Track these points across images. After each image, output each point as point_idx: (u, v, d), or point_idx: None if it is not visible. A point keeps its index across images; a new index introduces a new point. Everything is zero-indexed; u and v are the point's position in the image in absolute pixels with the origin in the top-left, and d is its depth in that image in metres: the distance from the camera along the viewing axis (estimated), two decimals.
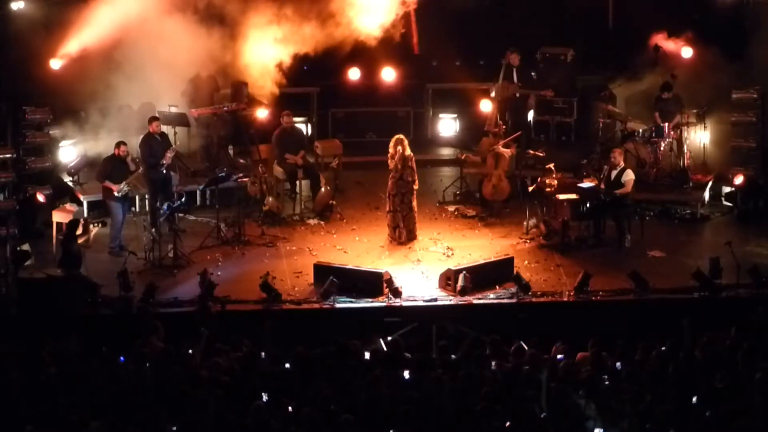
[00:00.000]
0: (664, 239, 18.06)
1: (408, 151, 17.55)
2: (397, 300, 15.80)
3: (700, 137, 20.45)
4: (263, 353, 13.68)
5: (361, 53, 21.89)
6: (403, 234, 17.61)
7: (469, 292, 15.93)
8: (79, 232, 16.70)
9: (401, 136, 17.75)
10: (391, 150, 17.59)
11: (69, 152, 19.86)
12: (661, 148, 19.74)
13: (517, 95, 20.61)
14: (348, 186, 20.33)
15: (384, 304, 15.82)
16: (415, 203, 17.66)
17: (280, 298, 15.81)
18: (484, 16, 22.36)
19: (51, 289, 15.74)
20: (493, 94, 20.36)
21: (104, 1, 19.23)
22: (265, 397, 12.25)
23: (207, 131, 20.29)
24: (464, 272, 16.03)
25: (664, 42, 20.99)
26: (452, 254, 17.43)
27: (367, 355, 13.66)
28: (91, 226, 17.03)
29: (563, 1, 22.03)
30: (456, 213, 19.19)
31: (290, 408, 11.96)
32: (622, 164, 17.88)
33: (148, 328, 14.24)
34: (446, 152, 21.85)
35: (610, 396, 12.28)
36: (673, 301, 15.94)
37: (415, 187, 17.66)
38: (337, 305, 15.74)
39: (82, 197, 18.84)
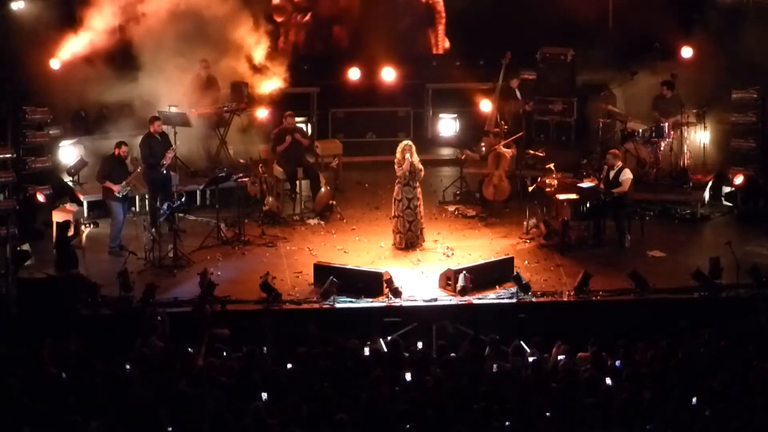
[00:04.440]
0: (664, 239, 18.06)
1: (415, 157, 17.44)
2: (397, 300, 15.80)
3: (700, 137, 20.44)
4: (265, 348, 13.73)
5: (361, 53, 22.03)
6: (404, 240, 17.53)
7: (469, 292, 15.93)
8: (70, 233, 16.71)
9: (410, 142, 17.61)
10: (398, 156, 17.42)
11: (69, 152, 19.85)
12: (661, 148, 19.75)
13: (527, 108, 20.51)
14: (348, 186, 20.33)
15: (384, 304, 15.82)
16: (421, 209, 17.56)
17: (280, 298, 15.82)
18: (484, 16, 22.39)
19: (51, 289, 15.75)
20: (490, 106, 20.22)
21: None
22: (264, 396, 12.26)
23: (207, 131, 20.32)
24: (464, 272, 16.03)
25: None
26: (452, 254, 17.43)
27: (367, 355, 13.69)
28: (83, 227, 17.03)
29: (564, 1, 22.00)
30: (456, 213, 19.18)
31: (290, 408, 11.96)
32: (619, 164, 17.89)
33: (148, 328, 14.26)
34: (446, 152, 21.83)
35: (610, 396, 12.29)
36: (673, 301, 15.95)
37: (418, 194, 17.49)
38: (337, 305, 15.75)
39: (82, 197, 18.84)
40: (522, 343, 14.02)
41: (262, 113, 20.43)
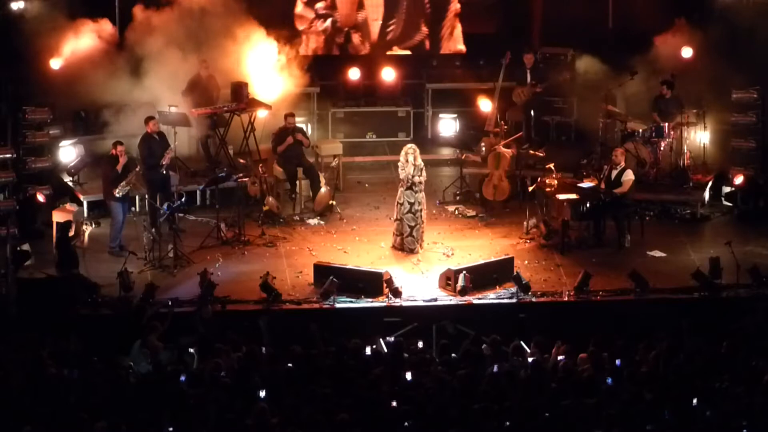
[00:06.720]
0: (664, 239, 18.05)
1: (419, 161, 17.38)
2: (397, 300, 15.80)
3: (700, 137, 20.43)
4: (263, 349, 13.74)
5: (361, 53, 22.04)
6: (403, 243, 17.46)
7: (469, 292, 15.93)
8: (71, 233, 16.71)
9: (413, 146, 17.55)
10: (402, 160, 17.38)
11: (69, 152, 19.85)
12: (661, 148, 19.74)
13: (538, 90, 20.56)
14: (348, 186, 20.33)
15: (384, 304, 15.83)
16: (424, 213, 17.46)
17: (280, 298, 15.82)
18: (484, 16, 22.38)
19: (51, 289, 15.75)
20: (490, 108, 20.22)
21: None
22: (262, 394, 12.26)
23: (207, 131, 20.32)
24: (464, 272, 16.03)
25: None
26: (452, 254, 17.43)
27: (368, 354, 13.69)
28: (84, 226, 17.03)
29: (564, 1, 22.00)
30: (456, 213, 19.18)
31: (290, 408, 11.97)
32: (623, 164, 17.88)
33: (148, 328, 14.26)
34: (446, 152, 21.82)
35: (610, 396, 12.29)
36: (673, 301, 15.95)
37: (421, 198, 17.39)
38: (337, 305, 15.75)
39: (82, 197, 18.84)
40: (522, 343, 14.02)
41: (262, 113, 20.43)
